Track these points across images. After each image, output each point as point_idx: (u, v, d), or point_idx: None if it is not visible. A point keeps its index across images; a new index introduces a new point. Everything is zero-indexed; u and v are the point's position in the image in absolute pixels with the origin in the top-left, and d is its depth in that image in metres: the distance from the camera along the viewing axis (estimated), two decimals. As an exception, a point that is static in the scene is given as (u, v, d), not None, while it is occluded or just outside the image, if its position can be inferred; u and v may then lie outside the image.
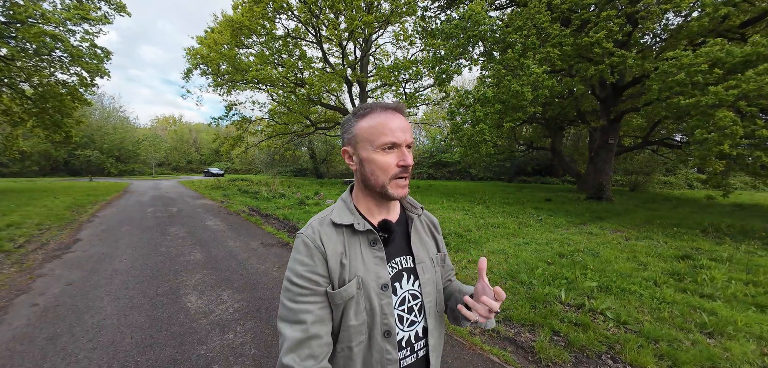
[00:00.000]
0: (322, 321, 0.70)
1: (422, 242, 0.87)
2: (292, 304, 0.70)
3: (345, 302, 0.72)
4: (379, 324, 0.74)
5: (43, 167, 35.90)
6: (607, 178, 12.82)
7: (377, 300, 0.74)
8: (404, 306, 0.78)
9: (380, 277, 0.75)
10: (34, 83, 13.38)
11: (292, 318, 0.69)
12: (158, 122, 62.43)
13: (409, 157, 0.74)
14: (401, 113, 0.76)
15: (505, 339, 2.62)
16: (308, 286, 0.71)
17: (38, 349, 2.46)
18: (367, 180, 0.77)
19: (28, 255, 4.93)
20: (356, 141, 0.76)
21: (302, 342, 0.67)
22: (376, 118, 0.74)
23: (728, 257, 4.79)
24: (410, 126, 0.77)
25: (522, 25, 8.19)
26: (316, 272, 0.71)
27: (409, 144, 0.75)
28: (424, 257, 0.84)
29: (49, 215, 8.22)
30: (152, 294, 3.45)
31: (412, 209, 0.88)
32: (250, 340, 2.57)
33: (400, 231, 0.84)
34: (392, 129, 0.72)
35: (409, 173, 0.75)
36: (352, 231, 0.77)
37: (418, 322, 0.80)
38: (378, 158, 0.73)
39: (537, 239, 6.02)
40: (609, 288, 3.41)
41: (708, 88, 6.22)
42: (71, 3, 12.56)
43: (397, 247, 0.81)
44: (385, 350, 0.74)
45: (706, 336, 2.58)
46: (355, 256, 0.75)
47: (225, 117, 19.37)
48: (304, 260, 0.72)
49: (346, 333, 0.72)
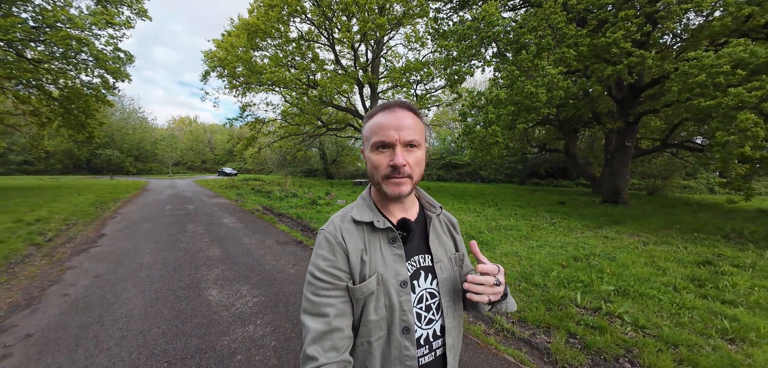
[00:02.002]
0: (344, 314, 0.72)
1: (440, 241, 0.87)
2: (314, 297, 0.72)
3: (365, 297, 0.73)
4: (398, 321, 0.75)
5: (66, 165, 37.42)
6: (623, 181, 12.52)
7: (396, 297, 0.75)
8: (422, 304, 0.79)
9: (399, 274, 0.76)
10: (61, 85, 14.00)
11: (314, 310, 0.71)
12: (175, 123, 64.20)
13: (402, 156, 0.72)
14: (405, 110, 0.75)
15: (520, 339, 2.63)
16: (330, 280, 0.72)
17: (72, 336, 2.61)
18: (369, 178, 0.80)
19: (57, 249, 5.18)
20: (364, 141, 0.79)
21: (325, 335, 0.69)
22: (376, 118, 0.75)
23: (751, 264, 4.63)
24: (416, 124, 0.75)
25: (536, 25, 8.11)
26: (338, 268, 0.73)
27: (408, 142, 0.73)
28: (442, 256, 0.84)
29: (74, 211, 8.59)
30: (175, 287, 3.59)
31: (431, 208, 0.89)
32: (269, 333, 2.66)
33: (419, 230, 0.84)
34: (383, 128, 0.72)
35: (402, 173, 0.73)
36: (372, 229, 0.78)
37: (436, 321, 0.81)
38: (372, 158, 0.75)
39: (550, 242, 5.95)
40: (626, 292, 3.37)
41: (729, 89, 6.03)
42: (96, 8, 13.11)
43: (416, 245, 0.82)
44: (403, 346, 0.75)
45: (727, 343, 2.53)
46: (375, 253, 0.77)
47: (239, 118, 19.81)
48: (326, 256, 0.74)
49: (365, 327, 0.74)
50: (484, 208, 10.51)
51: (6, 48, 11.57)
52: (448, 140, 34.51)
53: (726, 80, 6.35)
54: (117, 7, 13.70)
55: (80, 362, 2.28)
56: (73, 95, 13.86)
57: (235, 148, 21.69)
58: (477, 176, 31.84)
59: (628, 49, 7.40)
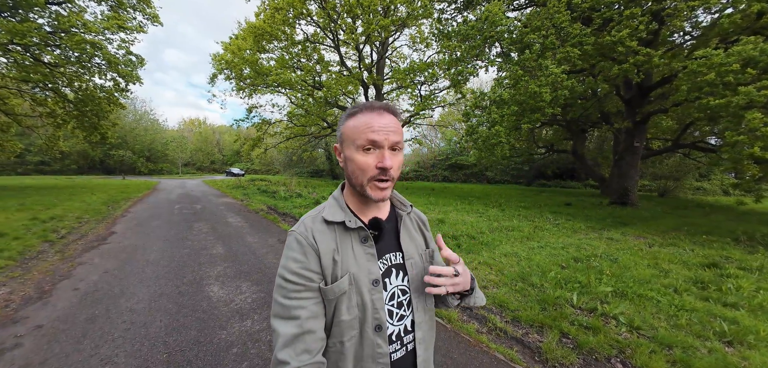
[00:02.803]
0: (316, 316, 0.72)
1: (411, 239, 0.88)
2: (285, 301, 0.71)
3: (337, 297, 0.73)
4: (370, 319, 0.75)
5: (80, 165, 38.52)
6: (632, 182, 12.30)
7: (369, 296, 0.75)
8: (394, 300, 0.80)
9: (371, 273, 0.77)
10: (75, 88, 14.46)
11: (286, 314, 0.70)
12: (185, 124, 65.47)
13: (390, 159, 0.72)
14: (390, 113, 0.75)
15: (513, 338, 2.64)
16: (302, 282, 0.72)
17: (79, 328, 2.73)
18: (349, 179, 0.79)
19: (70, 245, 5.38)
20: (343, 139, 0.77)
21: (297, 337, 0.68)
22: (362, 117, 0.74)
23: (759, 267, 4.53)
24: (399, 128, 0.76)
25: (540, 25, 8.05)
26: (310, 269, 0.73)
27: (393, 145, 0.74)
28: (413, 252, 0.86)
29: (87, 209, 8.87)
30: (179, 283, 3.70)
31: (401, 207, 0.90)
32: (266, 327, 2.73)
33: (390, 228, 0.85)
34: (374, 128, 0.72)
35: (388, 176, 0.73)
36: (344, 228, 0.78)
37: (407, 316, 0.82)
38: (358, 158, 0.73)
39: (552, 243, 5.91)
40: (624, 294, 3.34)
41: (739, 88, 5.90)
42: (110, 13, 13.51)
43: (387, 244, 0.83)
44: (376, 344, 0.75)
45: (724, 345, 2.50)
46: (347, 253, 0.77)
47: (246, 119, 20.14)
48: (297, 257, 0.73)
49: (338, 328, 0.74)
50: (487, 209, 10.45)
51: (23, 52, 12.01)
52: (454, 140, 34.35)
53: (735, 79, 6.21)
54: (129, 13, 14.11)
55: (86, 352, 2.39)
56: (87, 98, 14.30)
57: (242, 148, 21.97)
58: (483, 177, 31.62)
59: (634, 47, 7.30)
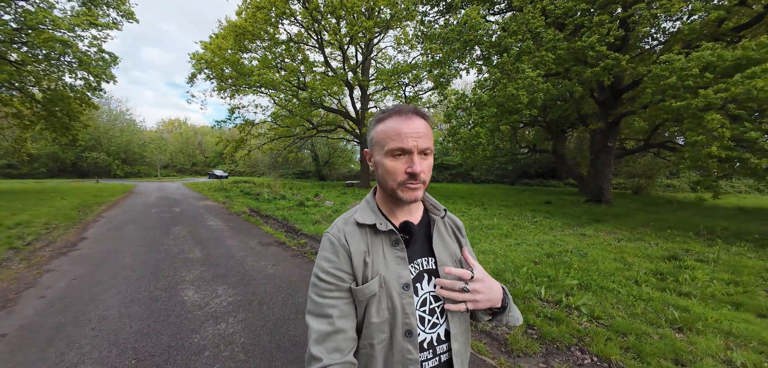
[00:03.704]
0: (347, 316, 0.73)
1: (445, 244, 0.86)
2: (319, 299, 0.73)
3: (367, 299, 0.74)
4: (400, 324, 0.74)
5: (51, 169, 36.64)
6: (606, 181, 12.84)
7: (399, 299, 0.75)
8: (426, 307, 0.79)
9: (401, 277, 0.76)
10: (44, 87, 13.80)
11: (318, 311, 0.72)
12: (164, 125, 63.36)
13: (419, 164, 0.72)
14: (419, 117, 0.75)
15: (482, 332, 2.75)
16: (334, 282, 0.73)
17: (44, 336, 2.65)
18: (380, 183, 0.79)
19: (37, 252, 5.16)
20: (373, 144, 0.78)
21: (329, 335, 0.69)
22: (390, 123, 0.74)
23: (715, 259, 4.86)
24: (429, 131, 0.76)
25: (517, 29, 8.33)
26: (341, 269, 0.74)
27: (423, 150, 0.74)
28: (446, 259, 0.83)
29: (56, 214, 8.49)
30: (152, 289, 3.63)
31: (435, 211, 0.89)
32: (240, 330, 2.73)
33: (422, 233, 0.84)
34: (402, 135, 0.72)
35: (418, 180, 0.73)
36: (375, 231, 0.79)
37: (440, 325, 0.80)
38: (387, 163, 0.74)
39: (529, 240, 6.12)
40: (588, 286, 3.53)
41: (699, 91, 6.31)
42: (80, 9, 12.96)
43: (419, 248, 0.82)
44: (406, 350, 0.74)
45: (675, 331, 2.69)
46: (378, 255, 0.77)
47: (228, 120, 19.72)
48: (330, 257, 0.75)
49: (368, 329, 0.74)
50: (470, 208, 10.68)
51: (-14, 50, 11.39)
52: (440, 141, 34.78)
53: (695, 83, 6.62)
54: (102, 9, 13.58)
55: (51, 360, 2.33)
56: (57, 98, 13.67)
57: (225, 150, 21.50)
58: (469, 176, 32.16)
59: (604, 52, 7.66)
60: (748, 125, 5.85)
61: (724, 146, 6.02)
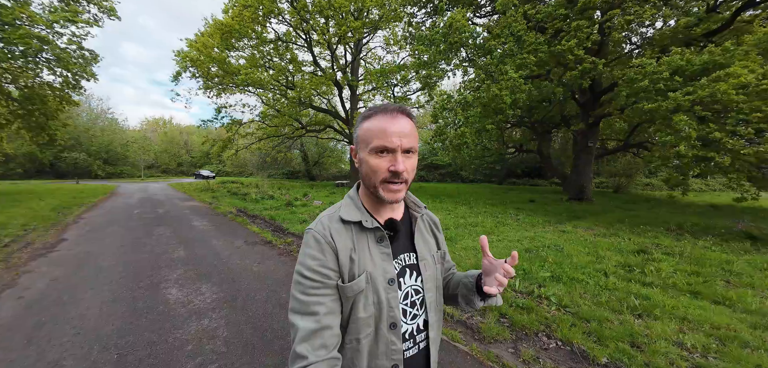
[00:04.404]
0: (333, 312, 0.73)
1: (424, 240, 0.90)
2: (304, 297, 0.73)
3: (355, 295, 0.75)
4: (385, 317, 0.77)
5: (27, 169, 35.20)
6: (587, 179, 13.29)
7: (384, 294, 0.77)
8: (408, 300, 0.82)
9: (387, 272, 0.79)
10: (20, 85, 13.32)
11: (304, 309, 0.72)
12: (148, 124, 61.68)
13: (402, 163, 0.74)
14: (404, 116, 0.77)
15: (458, 321, 2.89)
16: (320, 279, 0.73)
17: (24, 335, 2.65)
18: (363, 180, 0.81)
19: (14, 254, 5.04)
20: (359, 141, 0.79)
21: (315, 333, 0.70)
22: (376, 121, 0.75)
23: (680, 252, 5.15)
24: (414, 130, 0.78)
25: (500, 32, 8.57)
26: (327, 267, 0.74)
27: (407, 149, 0.75)
28: (426, 254, 0.88)
29: (34, 216, 8.26)
30: (134, 288, 3.63)
31: (416, 208, 0.92)
32: (223, 325, 2.79)
33: (404, 229, 0.87)
34: (386, 133, 0.73)
35: (401, 179, 0.75)
36: (360, 228, 0.80)
37: (420, 315, 0.84)
38: (371, 161, 0.75)
39: (510, 237, 6.34)
40: (560, 278, 3.72)
41: (669, 94, 6.66)
42: (59, 5, 12.57)
43: (402, 244, 0.85)
44: (390, 341, 0.77)
45: (635, 318, 2.89)
46: (364, 252, 0.78)
47: (215, 119, 19.45)
48: (316, 255, 0.75)
49: (354, 325, 0.76)
50: (457, 207, 10.90)
51: (-43, 46, 10.93)
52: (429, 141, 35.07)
53: (665, 86, 6.98)
54: (82, 4, 13.19)
55: (32, 357, 2.34)
56: (34, 96, 13.22)
57: (212, 150, 21.16)
58: (458, 176, 32.56)
59: (581, 56, 7.98)
60: (713, 126, 6.22)
61: (691, 145, 6.37)
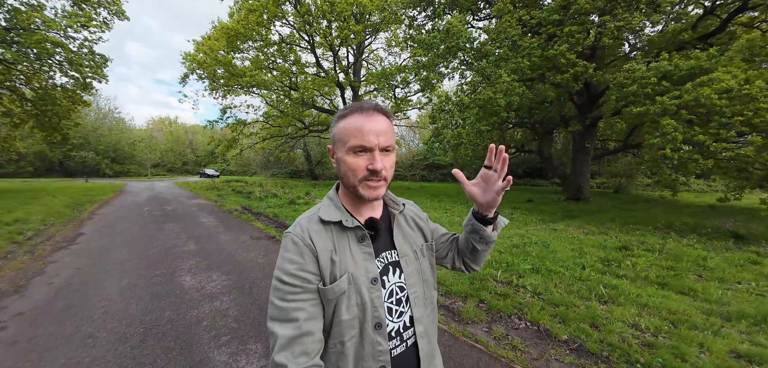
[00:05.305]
0: (315, 318, 0.71)
1: (405, 237, 0.89)
2: (282, 303, 0.70)
3: (337, 297, 0.73)
4: (370, 317, 0.75)
5: (37, 168, 36.09)
6: (584, 180, 13.53)
7: (368, 294, 0.75)
8: (392, 298, 0.81)
9: (369, 272, 0.77)
10: (34, 86, 13.85)
11: (283, 316, 0.69)
12: (154, 123, 62.65)
13: (381, 161, 0.73)
14: (381, 114, 0.76)
15: (442, 306, 3.23)
16: (299, 284, 0.71)
17: (58, 314, 3.03)
18: (342, 180, 0.80)
19: (38, 246, 5.47)
20: (335, 141, 0.78)
21: (295, 339, 0.67)
22: (352, 120, 0.74)
23: (661, 249, 5.43)
24: (391, 128, 0.77)
25: (495, 37, 8.88)
26: (307, 270, 0.72)
27: (384, 147, 0.74)
28: (407, 250, 0.87)
29: (50, 212, 8.72)
30: (151, 276, 4.02)
31: (394, 206, 0.91)
32: (233, 306, 3.16)
33: (384, 227, 0.86)
34: (363, 132, 0.72)
35: (379, 177, 0.74)
36: (341, 228, 0.79)
37: (406, 312, 0.82)
38: (349, 160, 0.74)
39: (502, 233, 6.63)
40: (539, 270, 4.04)
41: (656, 98, 6.93)
42: (72, 9, 13.06)
43: (383, 242, 0.84)
44: (376, 342, 0.75)
45: (599, 304, 3.21)
46: (345, 252, 0.77)
47: (220, 120, 19.92)
48: (294, 259, 0.72)
49: (338, 328, 0.73)
50: (455, 205, 11.20)
51: (-24, 50, 11.45)
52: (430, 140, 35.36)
53: (653, 90, 7.25)
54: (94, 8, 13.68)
55: (68, 331, 2.72)
56: (47, 97, 13.75)
57: (217, 149, 21.65)
58: (459, 176, 32.78)
59: (573, 60, 8.26)
60: (697, 129, 6.48)
61: (676, 147, 6.64)
